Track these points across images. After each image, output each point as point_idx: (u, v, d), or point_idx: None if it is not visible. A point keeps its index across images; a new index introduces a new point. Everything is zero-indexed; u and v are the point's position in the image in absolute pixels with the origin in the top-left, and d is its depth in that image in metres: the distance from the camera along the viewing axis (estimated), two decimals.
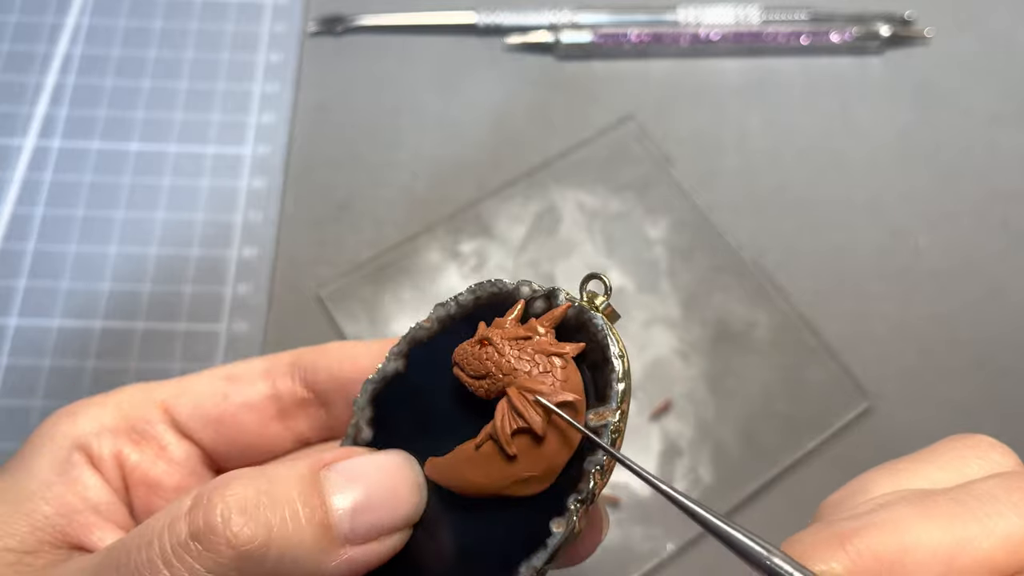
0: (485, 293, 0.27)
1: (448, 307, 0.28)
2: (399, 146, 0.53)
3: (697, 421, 0.46)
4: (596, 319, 0.25)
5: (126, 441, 0.30)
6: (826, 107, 0.56)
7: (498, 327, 0.25)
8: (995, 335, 0.49)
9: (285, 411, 0.31)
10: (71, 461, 0.29)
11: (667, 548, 0.44)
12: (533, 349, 0.24)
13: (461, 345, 0.26)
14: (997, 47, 0.58)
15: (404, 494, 0.25)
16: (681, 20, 0.57)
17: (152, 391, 0.31)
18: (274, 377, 0.31)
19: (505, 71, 0.56)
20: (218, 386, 0.31)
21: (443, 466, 0.25)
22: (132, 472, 0.30)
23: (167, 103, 0.54)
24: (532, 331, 0.25)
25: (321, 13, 0.57)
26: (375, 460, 0.26)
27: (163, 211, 0.51)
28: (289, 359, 0.31)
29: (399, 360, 0.27)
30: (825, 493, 0.45)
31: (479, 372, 0.25)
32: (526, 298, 0.26)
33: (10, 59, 0.55)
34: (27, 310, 0.48)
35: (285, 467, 0.25)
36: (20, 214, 0.51)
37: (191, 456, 0.31)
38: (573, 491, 0.24)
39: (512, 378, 0.24)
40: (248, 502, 0.23)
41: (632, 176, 0.53)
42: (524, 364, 0.24)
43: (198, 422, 0.31)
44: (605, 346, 0.25)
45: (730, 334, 0.49)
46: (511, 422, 0.24)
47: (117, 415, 0.30)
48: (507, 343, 0.24)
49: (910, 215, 0.52)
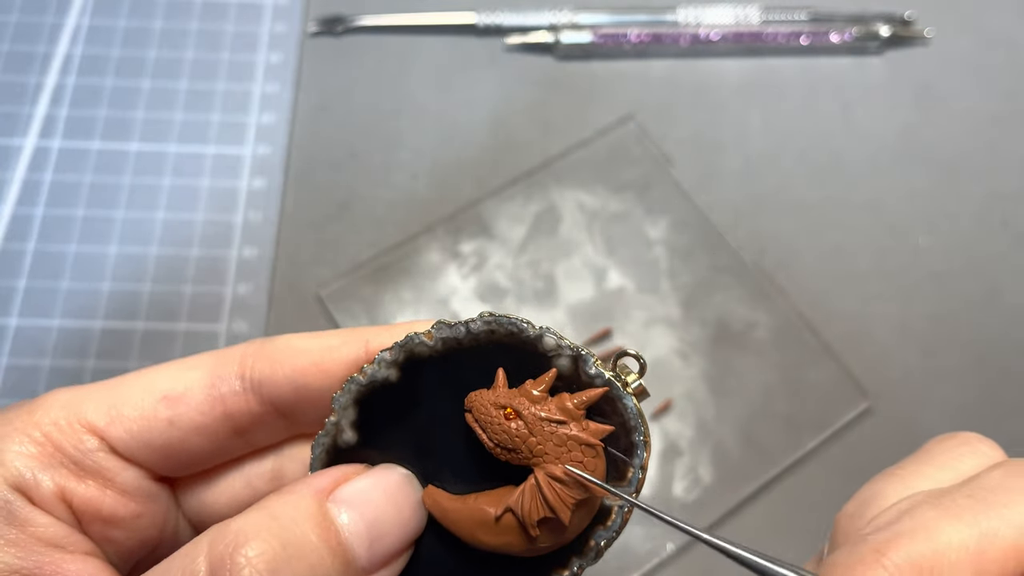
0: (503, 330, 0.26)
1: (457, 331, 0.26)
2: (399, 146, 0.53)
3: (697, 421, 0.46)
4: (627, 401, 0.25)
5: (66, 475, 0.27)
6: (826, 107, 0.56)
7: (526, 396, 0.24)
8: (995, 335, 0.49)
9: (240, 429, 0.28)
10: (12, 504, 0.25)
11: (667, 548, 0.44)
12: (562, 438, 0.24)
13: (481, 396, 0.25)
14: (997, 47, 0.58)
15: (408, 515, 0.25)
16: (681, 20, 0.57)
17: (75, 409, 0.27)
18: (223, 397, 0.27)
19: (505, 71, 0.56)
20: (157, 410, 0.27)
21: (453, 514, 0.25)
22: (82, 508, 0.27)
23: (167, 103, 0.54)
24: (564, 413, 0.24)
25: (321, 13, 0.57)
26: (378, 483, 0.25)
27: (163, 211, 0.51)
28: (234, 370, 0.28)
29: (392, 369, 0.26)
30: (825, 493, 0.46)
31: (505, 444, 0.24)
32: (551, 352, 0.25)
33: (10, 59, 0.55)
34: (27, 310, 0.48)
35: (291, 507, 0.24)
36: (20, 214, 0.51)
37: (140, 479, 0.28)
38: (578, 556, 0.25)
39: (540, 460, 0.24)
40: (275, 559, 0.22)
41: (632, 176, 0.53)
42: (553, 450, 0.24)
43: (142, 450, 0.27)
44: (632, 429, 0.25)
45: (730, 334, 0.49)
46: (539, 509, 0.24)
47: (46, 447, 0.27)
48: (539, 423, 0.24)
49: (910, 215, 0.52)
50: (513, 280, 0.50)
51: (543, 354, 0.25)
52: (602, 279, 0.50)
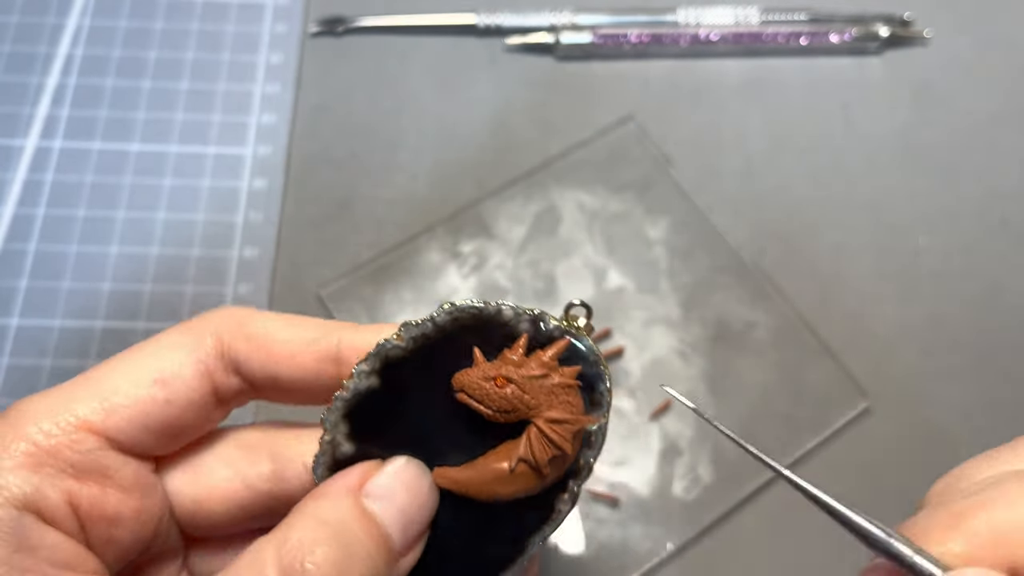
0: (465, 315, 0.29)
1: (424, 327, 0.29)
2: (399, 146, 0.54)
3: (697, 421, 0.47)
4: (584, 342, 0.29)
5: (70, 481, 0.27)
6: (826, 107, 0.56)
7: (509, 363, 0.28)
8: (995, 335, 0.49)
9: (222, 400, 0.30)
10: (24, 527, 0.25)
11: (667, 547, 0.44)
12: (549, 386, 0.28)
13: (468, 375, 0.28)
14: (996, 48, 0.58)
15: (426, 499, 0.28)
16: (681, 21, 0.57)
17: (66, 411, 0.27)
18: (209, 372, 0.29)
19: (505, 72, 0.56)
20: (152, 393, 0.28)
21: (463, 479, 0.29)
22: (88, 513, 0.27)
23: (168, 104, 0.54)
24: (543, 367, 0.28)
25: (322, 14, 0.57)
26: (397, 475, 0.28)
27: (164, 211, 0.51)
28: (212, 346, 0.29)
29: (372, 377, 0.29)
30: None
31: (505, 408, 0.28)
32: (511, 321, 0.29)
33: (11, 60, 0.55)
34: (28, 310, 0.48)
35: (335, 509, 0.26)
36: (22, 214, 0.51)
37: (138, 473, 0.28)
38: (571, 478, 0.29)
39: (535, 412, 0.28)
40: (338, 561, 0.25)
41: (632, 176, 0.53)
42: (544, 399, 0.28)
43: (140, 435, 0.28)
44: (592, 363, 0.29)
45: (730, 334, 0.49)
46: (547, 450, 0.28)
47: (42, 457, 0.26)
48: (529, 382, 0.28)
49: (909, 215, 0.52)
50: (513, 280, 0.50)
51: (505, 323, 0.29)
52: (602, 279, 0.50)
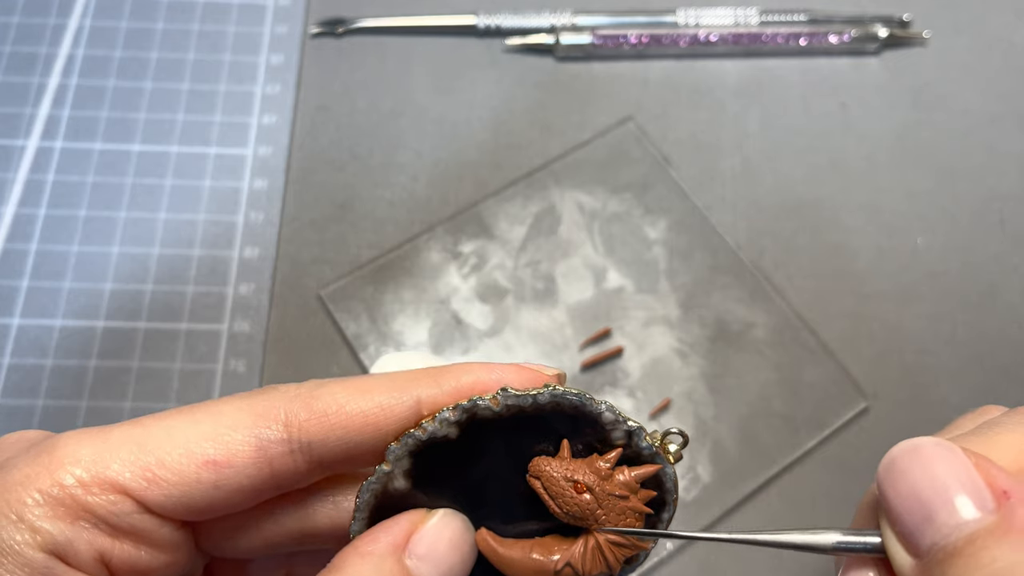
0: (567, 403, 0.28)
1: (523, 400, 0.28)
2: (400, 147, 0.54)
3: (696, 420, 0.47)
4: (668, 469, 0.29)
5: (103, 537, 0.26)
6: (824, 108, 0.56)
7: (595, 472, 0.28)
8: (992, 335, 0.49)
9: (281, 485, 0.28)
10: (51, 572, 0.25)
11: (666, 547, 0.44)
12: (623, 511, 0.28)
13: (550, 467, 0.28)
14: (994, 49, 0.58)
15: (467, 558, 0.28)
16: (680, 22, 0.57)
17: (101, 467, 0.26)
18: (270, 460, 0.27)
19: (505, 73, 0.56)
20: (199, 475, 0.27)
21: (508, 559, 0.29)
22: (118, 568, 0.27)
23: (169, 104, 0.54)
24: (626, 489, 0.28)
25: (322, 15, 0.57)
26: (443, 533, 0.28)
27: (165, 211, 0.51)
28: (280, 430, 0.27)
29: (453, 428, 0.28)
30: (823, 492, 0.46)
31: (574, 514, 0.28)
32: (608, 425, 0.28)
33: (13, 60, 0.55)
34: (30, 310, 0.48)
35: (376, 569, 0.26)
36: (23, 214, 0.51)
37: (175, 533, 0.28)
38: None
39: (598, 526, 0.28)
40: None
41: (631, 177, 0.53)
42: (615, 518, 0.28)
43: (180, 511, 0.27)
44: (667, 491, 0.29)
45: (729, 334, 0.49)
46: (598, 565, 0.28)
47: (75, 508, 0.26)
48: (608, 499, 0.28)
49: (908, 215, 0.53)
50: (513, 280, 0.50)
51: (603, 426, 0.28)
52: (601, 279, 0.50)
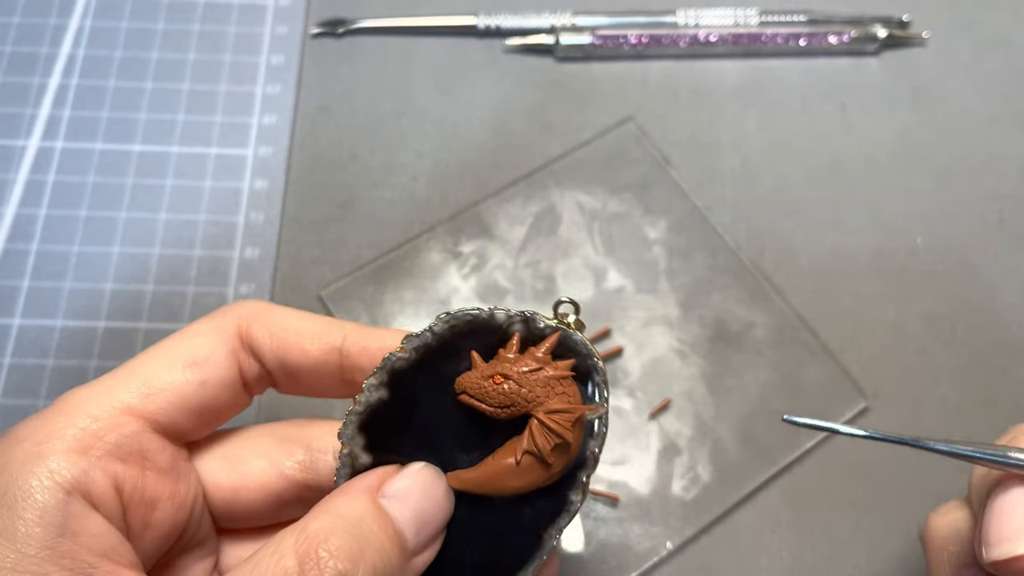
0: (461, 322, 0.31)
1: (424, 337, 0.31)
2: (400, 147, 0.54)
3: (696, 420, 0.47)
4: (575, 336, 0.31)
5: (116, 463, 0.28)
6: (824, 108, 0.56)
7: (505, 361, 0.30)
8: (992, 335, 0.50)
9: (248, 385, 0.33)
10: (70, 512, 0.26)
11: (666, 546, 0.44)
12: (544, 379, 0.30)
13: (468, 377, 0.30)
14: (994, 49, 0.58)
15: (442, 502, 0.30)
16: (680, 22, 0.57)
17: (110, 396, 0.29)
18: (236, 355, 0.32)
19: (505, 73, 0.56)
20: (186, 376, 0.30)
21: (475, 479, 0.30)
22: (130, 496, 0.28)
23: (169, 105, 0.54)
24: (537, 362, 0.30)
25: (323, 15, 0.57)
26: (415, 479, 0.30)
27: (165, 212, 0.52)
28: (238, 334, 0.32)
29: (381, 390, 0.31)
30: (822, 491, 0.46)
31: (504, 403, 0.29)
32: (504, 324, 0.31)
33: (13, 61, 0.55)
34: (30, 310, 0.49)
35: (352, 506, 0.28)
36: (23, 215, 0.51)
37: (175, 457, 0.31)
38: (579, 469, 0.31)
39: (535, 406, 0.30)
40: (351, 551, 0.26)
41: (631, 177, 0.53)
42: (541, 391, 0.30)
43: (179, 416, 0.30)
44: (585, 355, 0.31)
45: (728, 334, 0.49)
46: (549, 439, 0.29)
47: (90, 441, 0.28)
48: (524, 376, 0.30)
49: (908, 215, 0.53)
50: (513, 280, 0.50)
51: (499, 327, 0.31)
52: (601, 279, 0.50)
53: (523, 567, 0.31)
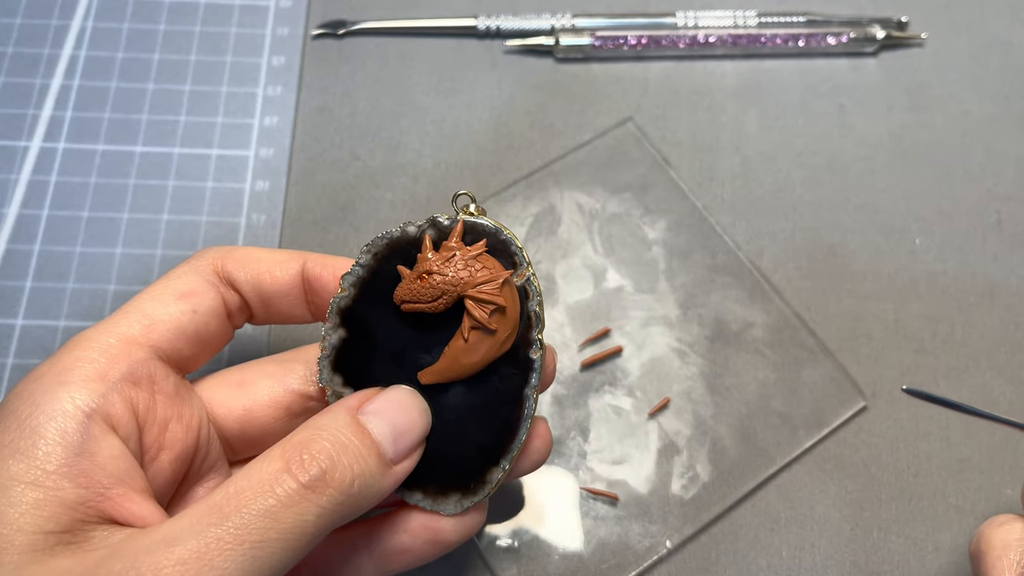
0: (380, 246, 0.34)
1: (355, 272, 0.34)
2: (400, 148, 0.54)
3: (695, 419, 0.47)
4: (482, 220, 0.34)
5: (130, 388, 0.31)
6: (822, 109, 0.56)
7: (424, 261, 0.33)
8: (990, 335, 0.50)
9: (232, 315, 0.36)
10: (90, 434, 0.29)
11: (665, 545, 0.44)
12: (461, 261, 0.33)
13: (401, 287, 0.33)
14: (992, 50, 0.58)
15: (417, 417, 0.33)
16: (679, 23, 0.58)
17: (115, 330, 0.32)
18: (217, 287, 0.35)
19: (505, 74, 0.57)
20: (180, 306, 0.34)
21: (440, 368, 0.34)
22: (144, 417, 0.31)
23: (171, 106, 0.55)
24: (451, 251, 0.33)
25: (323, 17, 0.57)
26: (391, 398, 0.33)
27: (167, 213, 0.52)
28: (214, 269, 0.36)
29: (338, 330, 0.34)
30: (822, 491, 0.46)
31: (435, 295, 0.33)
32: (417, 235, 0.34)
33: (15, 62, 0.55)
34: (33, 311, 0.49)
35: (332, 421, 0.31)
36: (26, 215, 0.51)
37: (178, 382, 0.34)
38: (530, 330, 0.34)
39: (462, 287, 0.33)
40: (331, 455, 0.29)
41: (631, 177, 0.53)
42: (463, 273, 0.33)
43: (178, 342, 0.34)
44: (495, 232, 0.34)
45: (728, 334, 0.49)
46: (484, 309, 0.32)
47: (106, 369, 0.31)
48: (442, 266, 0.33)
49: (906, 216, 0.53)
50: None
51: (415, 239, 0.34)
52: (601, 279, 0.51)
53: (515, 428, 0.34)
